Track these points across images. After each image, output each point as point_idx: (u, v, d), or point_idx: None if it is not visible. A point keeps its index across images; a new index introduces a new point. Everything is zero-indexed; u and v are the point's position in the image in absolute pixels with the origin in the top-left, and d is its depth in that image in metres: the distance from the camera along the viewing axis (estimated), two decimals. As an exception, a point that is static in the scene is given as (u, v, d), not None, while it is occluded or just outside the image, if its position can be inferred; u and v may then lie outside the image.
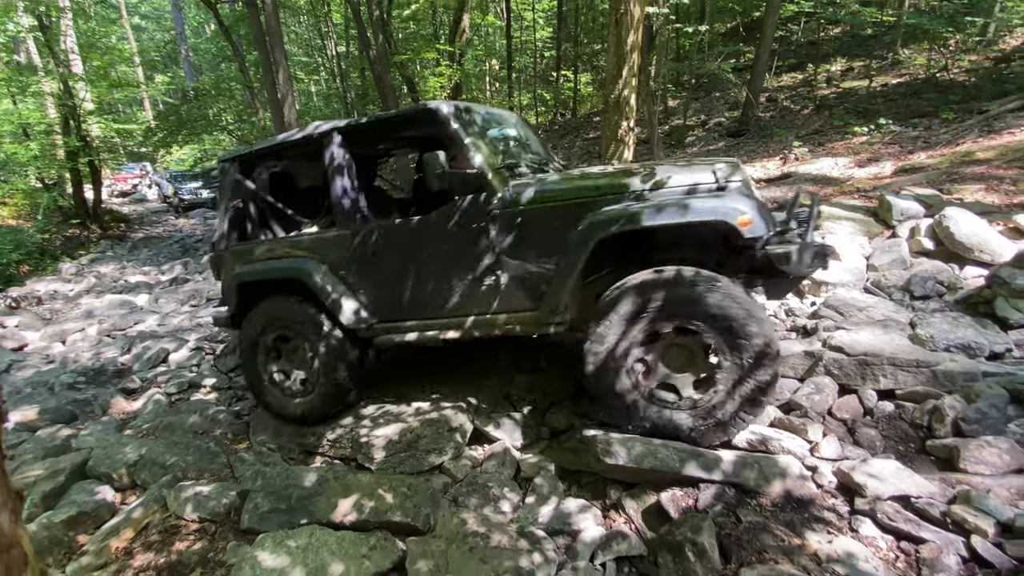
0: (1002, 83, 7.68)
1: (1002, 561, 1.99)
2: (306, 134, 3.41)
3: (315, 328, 3.37)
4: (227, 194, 3.78)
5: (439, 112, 3.05)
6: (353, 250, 3.27)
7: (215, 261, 3.90)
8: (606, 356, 2.68)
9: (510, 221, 2.88)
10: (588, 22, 19.51)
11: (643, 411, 2.69)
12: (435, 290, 3.10)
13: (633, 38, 5.22)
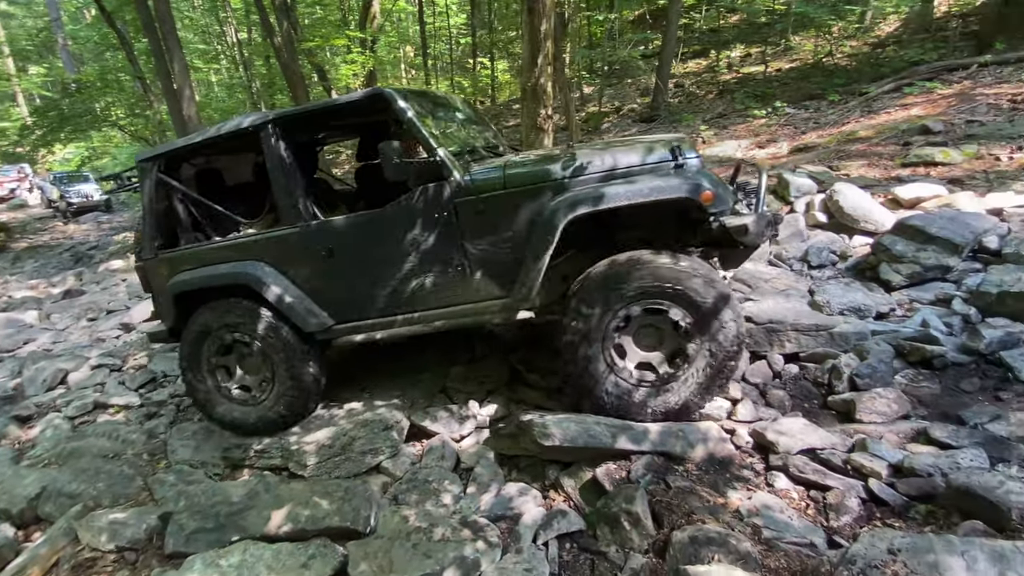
0: (879, 67, 8.46)
1: (895, 498, 2.24)
2: (239, 126, 3.16)
3: (269, 333, 3.16)
4: (149, 197, 3.40)
5: (391, 97, 2.91)
6: (303, 249, 3.09)
7: (141, 271, 3.54)
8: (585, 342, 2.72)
9: (472, 208, 2.82)
10: (502, 9, 19.47)
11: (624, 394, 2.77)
12: (397, 285, 3.00)
13: (546, 26, 5.28)
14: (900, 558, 1.75)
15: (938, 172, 5.07)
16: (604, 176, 2.75)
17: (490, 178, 2.83)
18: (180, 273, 3.32)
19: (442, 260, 2.91)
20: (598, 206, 2.62)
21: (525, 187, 2.79)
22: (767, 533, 2.14)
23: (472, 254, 2.88)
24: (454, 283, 2.94)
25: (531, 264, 2.74)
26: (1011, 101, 6.16)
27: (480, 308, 2.93)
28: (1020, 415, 2.53)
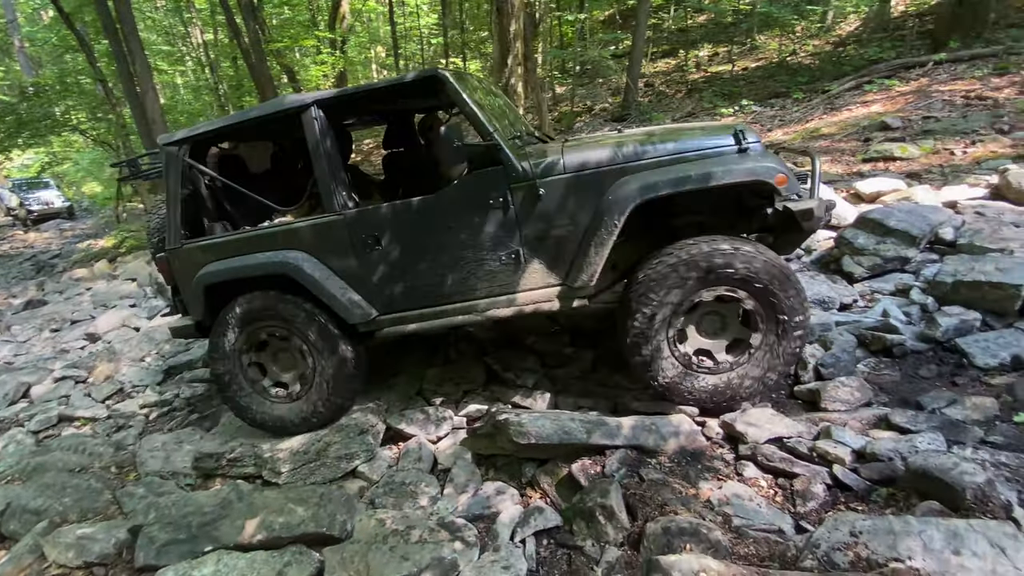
0: (840, 65, 8.70)
1: (858, 483, 2.32)
2: (280, 107, 3.00)
3: (310, 326, 3.05)
4: (176, 182, 3.17)
5: (445, 79, 2.81)
6: (347, 238, 2.97)
7: (165, 262, 3.31)
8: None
9: (530, 193, 2.75)
10: (473, 9, 19.46)
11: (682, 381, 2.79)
12: (448, 273, 2.91)
13: (515, 26, 5.30)
14: (861, 540, 1.81)
15: (897, 167, 5.24)
16: (669, 160, 2.70)
17: (549, 163, 2.76)
18: (210, 264, 3.13)
19: (496, 247, 2.84)
20: (669, 190, 2.59)
21: (586, 171, 2.73)
22: (737, 521, 2.20)
23: (528, 240, 2.82)
24: (508, 271, 2.87)
25: (594, 250, 2.70)
26: (964, 98, 6.40)
27: (536, 296, 2.88)
28: (975, 399, 2.64)
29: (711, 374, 2.78)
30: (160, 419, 4.21)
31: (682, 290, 2.64)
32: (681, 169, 2.62)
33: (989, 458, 2.18)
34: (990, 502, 1.92)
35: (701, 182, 2.57)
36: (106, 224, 15.03)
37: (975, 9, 7.90)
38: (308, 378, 3.18)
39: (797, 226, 2.65)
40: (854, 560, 1.76)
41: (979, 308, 3.16)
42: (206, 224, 3.35)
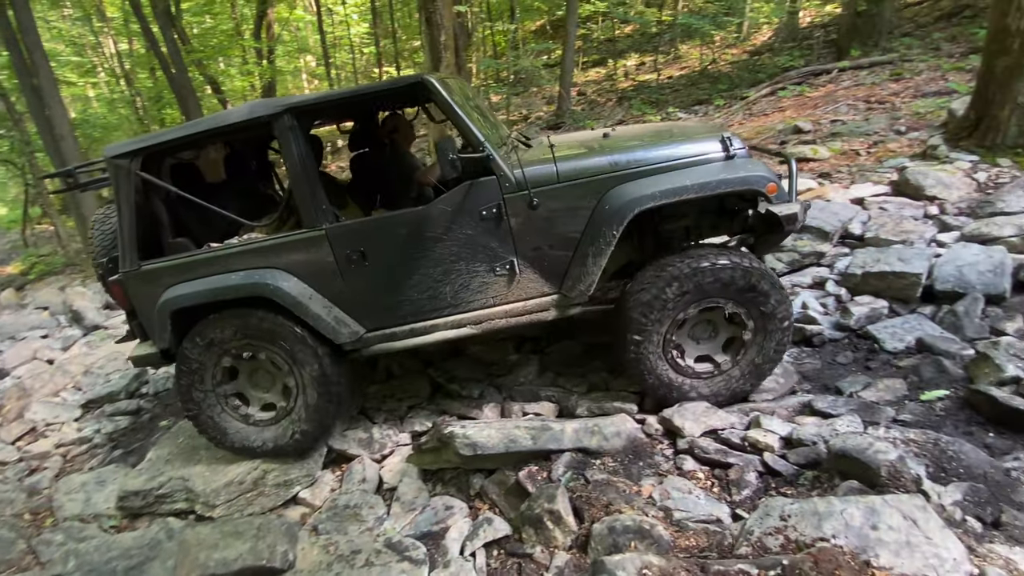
0: (756, 72, 9.24)
1: (787, 468, 2.45)
2: (251, 115, 2.79)
3: (292, 348, 2.89)
4: (127, 198, 2.86)
5: (432, 85, 2.72)
6: (330, 253, 2.82)
7: (121, 286, 2.98)
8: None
9: (523, 203, 2.72)
10: (405, 19, 19.34)
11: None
12: (439, 287, 2.85)
13: (445, 37, 5.31)
14: (790, 523, 1.91)
15: (810, 167, 5.60)
16: (661, 167, 2.73)
17: (540, 172, 2.73)
18: (176, 286, 2.89)
19: (490, 258, 2.80)
20: (667, 199, 2.62)
21: (581, 180, 2.72)
22: (678, 515, 2.27)
23: (522, 250, 2.79)
24: (502, 282, 2.83)
25: (592, 260, 2.71)
26: (866, 102, 6.94)
27: (530, 306, 2.86)
28: (886, 381, 2.86)
29: (715, 376, 2.87)
30: (79, 458, 3.91)
31: (678, 308, 2.70)
32: (677, 178, 2.67)
33: (900, 436, 2.35)
34: (902, 477, 2.08)
35: (698, 191, 2.62)
36: (12, 249, 13.84)
37: (873, 20, 8.61)
38: (290, 401, 3.01)
39: (778, 228, 2.77)
40: (784, 543, 1.86)
41: (886, 296, 3.42)
42: (166, 243, 3.07)
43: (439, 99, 2.73)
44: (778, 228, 2.78)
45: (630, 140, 3.00)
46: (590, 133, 3.51)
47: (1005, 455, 2.32)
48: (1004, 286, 3.21)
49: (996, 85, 4.50)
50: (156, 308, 2.88)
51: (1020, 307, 3.15)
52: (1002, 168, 4.48)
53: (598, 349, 3.60)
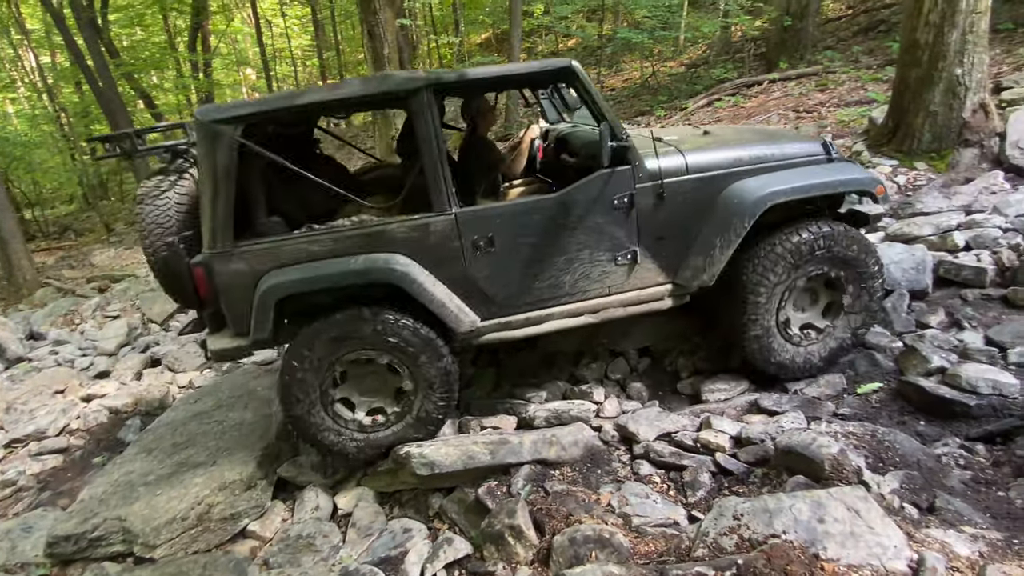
0: (694, 84, 9.60)
1: (738, 467, 2.52)
2: (389, 87, 2.63)
3: (418, 342, 2.72)
4: (225, 170, 2.56)
5: (579, 71, 2.71)
6: (456, 239, 2.72)
7: (205, 270, 2.65)
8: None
9: (652, 193, 2.78)
10: (348, 31, 19.12)
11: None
12: (560, 275, 2.84)
13: (388, 50, 5.27)
14: (743, 522, 1.96)
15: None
16: (777, 165, 2.88)
17: (672, 163, 2.81)
18: (282, 270, 2.64)
19: (614, 247, 2.82)
20: (797, 195, 2.76)
21: (708, 173, 2.82)
22: (637, 521, 2.29)
23: (646, 240, 2.84)
24: (622, 271, 2.87)
25: (719, 251, 2.78)
26: (795, 111, 7.32)
27: (646, 295, 2.92)
28: (826, 377, 2.99)
29: (816, 343, 2.98)
30: (2, 503, 3.60)
31: (790, 276, 2.84)
32: (800, 176, 2.83)
33: (840, 429, 2.47)
34: (844, 470, 2.18)
35: (822, 189, 2.81)
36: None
37: (798, 35, 9.14)
38: (404, 401, 2.85)
39: (857, 226, 3.01)
40: (739, 542, 1.91)
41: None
42: (258, 222, 2.81)
43: (585, 85, 2.73)
44: (856, 226, 3.00)
45: (736, 137, 3.14)
46: (684, 129, 3.58)
47: (935, 442, 2.47)
48: (926, 282, 3.43)
49: (910, 95, 4.84)
50: (258, 294, 2.60)
51: (941, 301, 3.37)
52: (919, 171, 4.81)
53: (557, 357, 3.62)
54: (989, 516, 2.04)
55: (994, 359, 2.81)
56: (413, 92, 2.61)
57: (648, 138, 2.93)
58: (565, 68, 2.71)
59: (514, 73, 2.83)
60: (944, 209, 4.14)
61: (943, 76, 4.59)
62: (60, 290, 8.44)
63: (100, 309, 7.16)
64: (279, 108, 2.65)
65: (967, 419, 2.53)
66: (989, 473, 2.27)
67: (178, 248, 2.74)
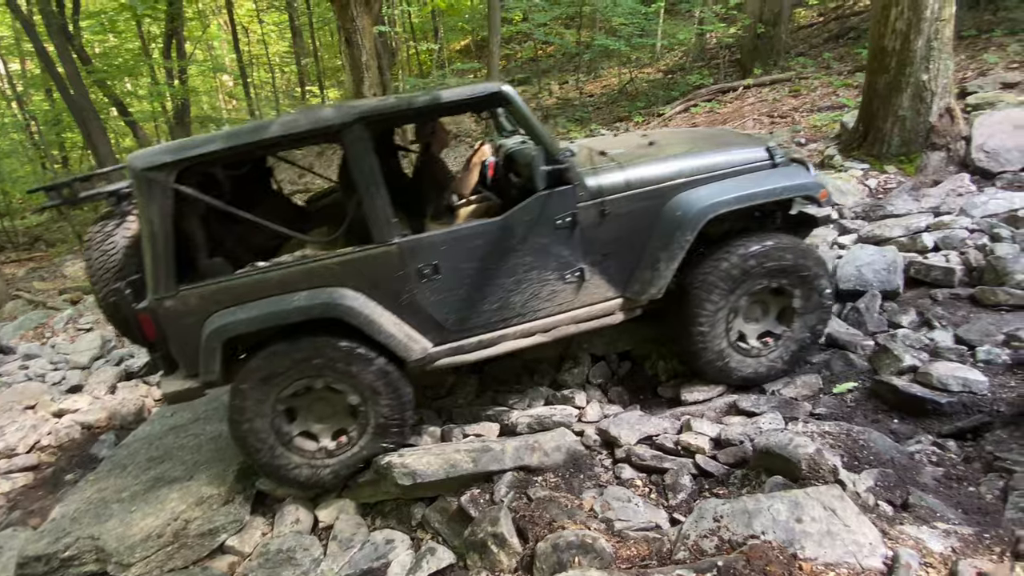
0: (671, 90, 9.73)
1: (718, 469, 2.54)
2: (319, 123, 2.62)
3: (365, 371, 2.73)
4: (162, 216, 2.55)
5: (511, 96, 2.72)
6: (402, 268, 2.72)
7: (152, 316, 2.63)
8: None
9: (595, 211, 2.81)
10: (326, 37, 19.00)
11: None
12: (509, 297, 2.85)
13: (367, 57, 5.26)
14: (723, 524, 1.98)
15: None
16: (721, 174, 2.90)
17: (613, 180, 2.83)
18: (225, 311, 2.63)
19: (561, 266, 2.85)
20: (739, 205, 2.79)
21: (649, 187, 2.84)
22: (619, 525, 2.30)
23: (591, 257, 2.87)
24: (571, 289, 2.90)
25: (664, 264, 2.82)
26: (769, 116, 7.47)
27: (597, 311, 2.94)
28: (803, 377, 3.04)
29: (777, 349, 3.02)
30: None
31: (728, 300, 2.88)
32: (743, 184, 2.87)
33: (816, 429, 2.50)
34: (821, 469, 2.21)
35: (766, 197, 2.84)
36: None
37: (771, 42, 9.33)
38: (361, 413, 2.83)
39: (805, 229, 3.13)
40: (719, 544, 1.93)
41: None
42: (200, 263, 2.78)
43: (517, 108, 2.74)
44: (805, 229, 3.12)
45: (681, 147, 3.13)
46: (630, 138, 3.57)
47: (908, 439, 2.52)
48: (897, 282, 3.51)
49: (878, 100, 4.96)
50: (204, 336, 2.61)
51: (912, 301, 3.45)
52: (889, 175, 4.93)
53: (539, 363, 3.63)
54: (961, 511, 2.09)
55: (963, 357, 2.88)
56: (345, 127, 2.61)
57: (593, 152, 2.96)
58: (496, 93, 2.73)
59: (448, 101, 2.78)
60: (913, 211, 4.24)
61: (910, 82, 4.72)
62: (30, 302, 8.22)
63: (72, 322, 6.98)
64: (210, 152, 2.61)
65: (939, 416, 2.59)
66: (960, 469, 2.32)
67: (125, 293, 2.71)
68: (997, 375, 2.72)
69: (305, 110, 2.78)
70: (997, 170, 4.59)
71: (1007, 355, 2.82)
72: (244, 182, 3.38)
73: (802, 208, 3.05)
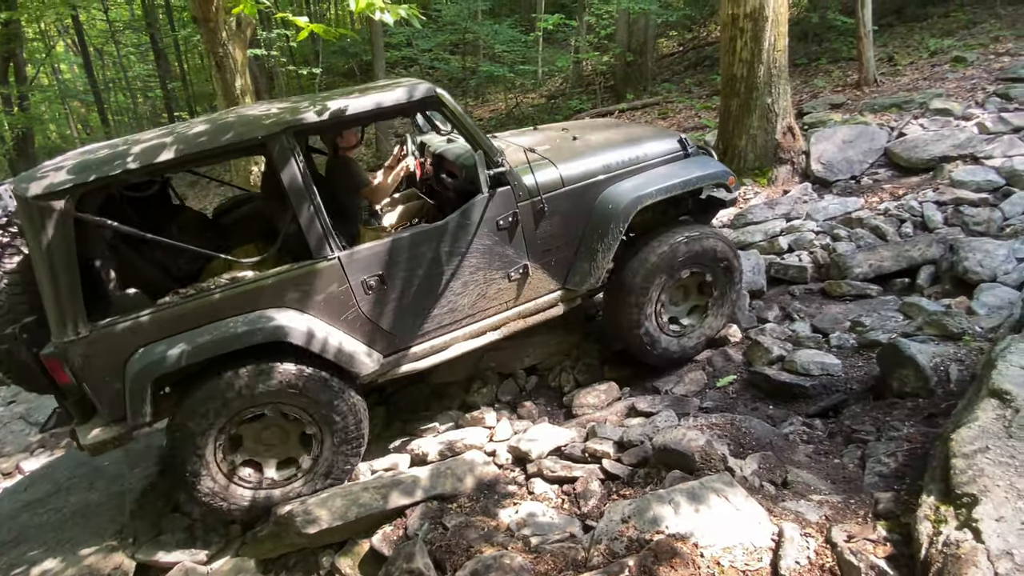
0: (554, 114, 10.24)
1: (624, 471, 2.65)
2: (245, 136, 2.44)
3: (318, 393, 2.59)
4: (65, 248, 2.24)
5: (444, 97, 2.74)
6: (344, 282, 2.62)
7: (60, 360, 2.31)
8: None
9: (533, 209, 2.90)
10: (194, 60, 17.81)
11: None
12: (458, 299, 2.87)
13: (241, 82, 4.99)
14: (631, 523, 2.07)
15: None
16: (641, 167, 3.12)
17: (548, 178, 2.94)
18: (153, 345, 2.39)
19: (506, 265, 2.92)
20: (662, 196, 3.01)
21: (582, 183, 2.99)
22: (535, 540, 2.32)
23: (532, 253, 2.96)
24: (516, 285, 2.97)
25: (601, 254, 2.97)
26: (645, 136, 8.11)
27: (541, 304, 3.06)
28: (691, 375, 3.27)
29: (683, 336, 3.27)
30: None
31: (666, 275, 3.10)
32: (663, 176, 3.10)
33: (705, 422, 2.70)
34: (712, 459, 2.38)
35: (685, 187, 3.07)
36: None
37: (640, 69, 10.15)
38: (320, 448, 2.74)
39: (714, 210, 3.55)
40: (628, 544, 2.00)
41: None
42: (112, 296, 2.48)
43: (451, 110, 2.75)
44: (713, 210, 3.53)
45: (603, 142, 3.31)
46: (553, 133, 3.66)
47: (783, 422, 2.79)
48: (762, 282, 3.92)
49: (733, 121, 5.56)
50: (130, 377, 2.37)
51: (775, 298, 3.87)
52: (748, 187, 5.52)
53: (448, 386, 3.59)
54: (830, 482, 2.34)
55: (820, 344, 3.27)
56: (271, 138, 2.48)
57: (521, 149, 3.04)
58: (431, 97, 2.73)
59: (380, 107, 2.71)
60: (769, 218, 4.78)
61: (757, 104, 5.34)
62: None
63: None
64: (115, 174, 2.33)
65: (805, 399, 2.91)
66: (827, 444, 2.61)
67: (20, 337, 2.44)
68: (848, 357, 3.11)
69: (223, 122, 2.58)
70: (832, 179, 5.31)
71: (854, 339, 3.24)
72: (150, 200, 3.20)
73: (711, 193, 3.34)
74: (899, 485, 2.12)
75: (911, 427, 2.42)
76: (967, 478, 1.72)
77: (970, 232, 4.04)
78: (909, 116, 5.96)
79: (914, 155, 5.15)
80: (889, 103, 6.35)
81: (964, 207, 4.25)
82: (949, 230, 4.12)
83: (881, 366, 2.81)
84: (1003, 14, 8.41)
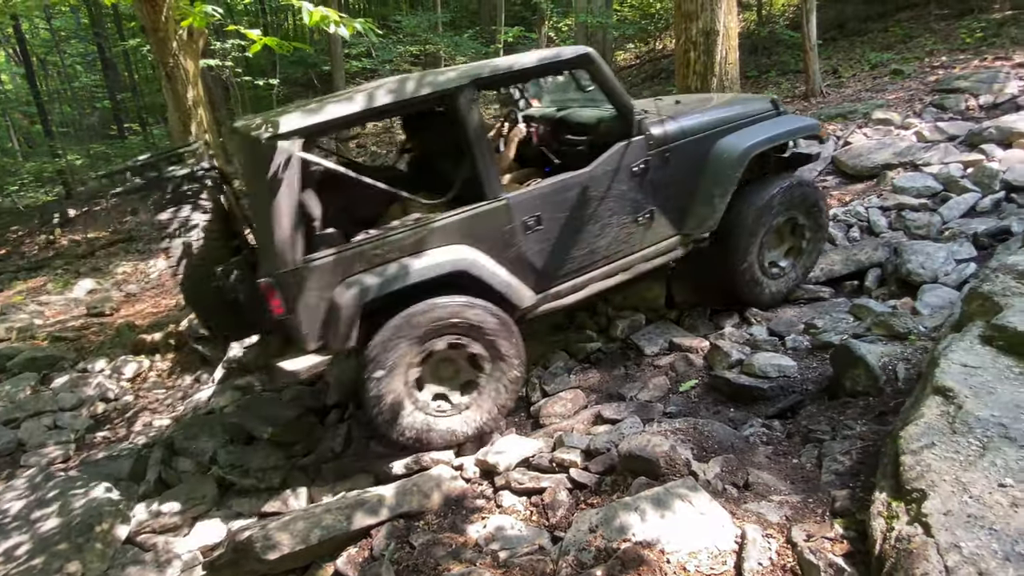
0: (517, 124, 10.34)
1: (591, 479, 2.65)
2: (437, 88, 2.82)
3: (492, 323, 2.93)
4: (289, 187, 2.58)
5: (597, 57, 3.12)
6: (510, 222, 2.98)
7: (276, 288, 2.61)
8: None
9: (660, 157, 3.24)
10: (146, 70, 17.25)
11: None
12: (596, 242, 3.20)
13: (193, 93, 4.86)
14: (598, 532, 2.07)
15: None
16: (745, 121, 3.48)
17: (673, 128, 3.28)
18: (358, 276, 2.72)
19: (636, 209, 3.25)
20: (770, 145, 3.43)
21: (700, 135, 3.35)
22: (504, 554, 2.29)
23: (659, 199, 3.29)
24: (643, 229, 3.30)
25: (718, 198, 3.33)
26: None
27: (663, 247, 3.41)
28: (654, 380, 3.32)
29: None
30: None
31: (772, 219, 3.49)
32: (768, 128, 3.48)
33: (669, 427, 2.73)
34: (676, 464, 2.41)
35: (789, 136, 3.54)
36: None
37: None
38: (484, 380, 3.05)
39: (798, 164, 3.91)
40: (597, 554, 2.00)
41: (641, 309, 4.01)
42: (317, 235, 2.83)
43: (601, 70, 3.12)
44: (798, 164, 3.91)
45: (708, 101, 3.77)
46: (652, 101, 3.90)
47: (743, 424, 2.85)
48: (721, 288, 4.00)
49: (690, 131, 5.72)
50: (342, 305, 2.67)
51: (734, 303, 3.96)
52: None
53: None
54: (789, 482, 2.39)
55: (776, 347, 3.36)
56: (458, 90, 2.85)
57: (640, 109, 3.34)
58: (584, 55, 3.11)
59: (542, 62, 3.12)
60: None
61: (712, 115, 5.51)
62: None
63: None
64: (343, 115, 2.72)
65: (764, 401, 2.98)
66: (785, 445, 2.67)
67: (232, 274, 2.83)
68: (803, 359, 3.20)
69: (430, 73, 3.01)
70: (784, 186, 5.49)
71: (808, 341, 3.35)
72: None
73: (795, 150, 3.77)
74: (854, 483, 2.18)
75: (864, 425, 2.51)
76: (915, 474, 1.79)
77: (912, 236, 4.24)
78: (853, 125, 6.24)
79: (859, 163, 5.39)
80: (835, 113, 6.63)
81: (906, 212, 4.47)
82: (893, 234, 4.32)
83: (834, 367, 2.91)
84: (937, 29, 8.91)
